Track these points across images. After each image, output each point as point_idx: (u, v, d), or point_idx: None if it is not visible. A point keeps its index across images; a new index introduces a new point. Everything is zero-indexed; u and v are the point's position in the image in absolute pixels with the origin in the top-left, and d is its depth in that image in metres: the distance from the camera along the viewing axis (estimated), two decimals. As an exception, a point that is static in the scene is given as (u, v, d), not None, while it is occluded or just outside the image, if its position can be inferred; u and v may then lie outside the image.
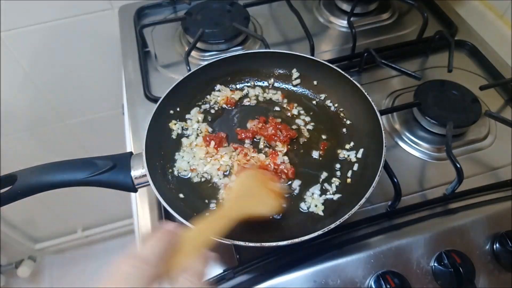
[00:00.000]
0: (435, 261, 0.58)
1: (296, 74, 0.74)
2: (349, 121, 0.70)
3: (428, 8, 0.98)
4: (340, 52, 0.90)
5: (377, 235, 0.61)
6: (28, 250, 1.81)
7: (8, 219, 1.63)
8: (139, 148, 0.61)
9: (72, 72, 1.21)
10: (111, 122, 1.39)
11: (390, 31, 0.95)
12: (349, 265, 0.58)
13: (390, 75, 0.85)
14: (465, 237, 0.60)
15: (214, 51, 0.90)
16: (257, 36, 0.86)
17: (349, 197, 0.59)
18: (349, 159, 0.65)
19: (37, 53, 1.12)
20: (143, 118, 0.78)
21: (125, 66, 0.90)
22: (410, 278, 0.57)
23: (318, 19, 0.99)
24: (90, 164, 0.57)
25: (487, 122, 0.76)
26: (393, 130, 0.76)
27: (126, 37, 0.95)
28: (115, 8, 1.06)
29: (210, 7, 0.93)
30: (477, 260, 0.58)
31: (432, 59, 0.88)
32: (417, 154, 0.73)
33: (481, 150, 0.73)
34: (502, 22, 0.90)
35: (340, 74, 0.69)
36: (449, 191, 0.65)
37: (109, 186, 0.58)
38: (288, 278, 0.57)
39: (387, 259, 0.58)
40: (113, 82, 1.22)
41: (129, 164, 0.58)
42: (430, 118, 0.72)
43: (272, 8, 1.01)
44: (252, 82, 0.76)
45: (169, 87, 0.67)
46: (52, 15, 1.04)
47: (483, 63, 0.87)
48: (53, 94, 1.25)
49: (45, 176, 0.55)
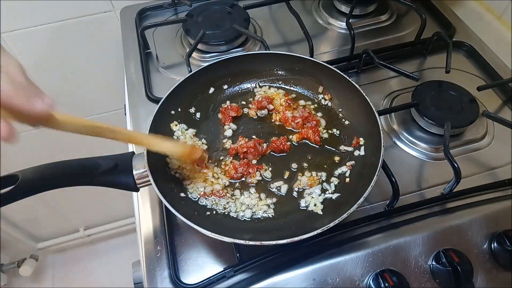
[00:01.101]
0: (433, 259, 0.59)
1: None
2: (347, 121, 0.71)
3: (426, 9, 0.99)
4: (339, 53, 0.91)
5: (375, 233, 0.62)
6: (30, 249, 1.82)
7: (10, 218, 1.64)
8: (141, 148, 0.61)
9: (73, 73, 1.21)
10: (113, 122, 1.39)
11: (389, 33, 0.95)
12: (348, 263, 0.59)
13: (389, 76, 0.86)
14: (463, 236, 0.61)
15: (214, 52, 0.90)
16: (257, 37, 0.87)
17: (348, 196, 0.60)
18: (348, 159, 0.65)
19: (38, 54, 1.12)
20: (145, 119, 0.79)
21: (126, 67, 0.91)
22: (408, 277, 0.57)
23: (317, 20, 0.99)
24: (93, 164, 0.57)
25: (484, 122, 0.77)
26: (391, 130, 0.77)
27: (128, 38, 0.96)
28: (117, 9, 1.06)
29: (211, 9, 0.94)
30: (475, 259, 0.59)
31: (430, 60, 0.89)
32: (415, 154, 0.73)
33: (478, 150, 0.73)
34: (500, 23, 0.91)
35: (339, 75, 0.70)
36: (447, 190, 0.66)
37: (111, 185, 0.58)
38: (287, 277, 0.58)
39: (385, 258, 0.59)
40: (115, 82, 1.23)
41: (131, 164, 0.59)
42: (428, 119, 0.73)
43: (272, 10, 1.02)
44: (252, 83, 0.77)
45: (170, 88, 0.68)
46: (54, 17, 1.04)
47: (481, 64, 0.87)
48: (54, 95, 1.24)
49: (47, 175, 0.56)
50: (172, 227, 0.65)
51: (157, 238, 0.64)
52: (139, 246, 0.66)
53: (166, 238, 0.63)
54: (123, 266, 1.73)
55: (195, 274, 0.60)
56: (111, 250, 1.92)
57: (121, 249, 1.91)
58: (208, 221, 0.59)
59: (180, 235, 0.64)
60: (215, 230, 0.53)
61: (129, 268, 0.71)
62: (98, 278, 1.86)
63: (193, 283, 0.58)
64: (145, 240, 0.64)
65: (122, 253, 1.88)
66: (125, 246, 1.90)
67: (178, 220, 0.65)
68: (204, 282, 0.58)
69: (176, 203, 0.57)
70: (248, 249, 0.60)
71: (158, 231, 0.65)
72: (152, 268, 0.60)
